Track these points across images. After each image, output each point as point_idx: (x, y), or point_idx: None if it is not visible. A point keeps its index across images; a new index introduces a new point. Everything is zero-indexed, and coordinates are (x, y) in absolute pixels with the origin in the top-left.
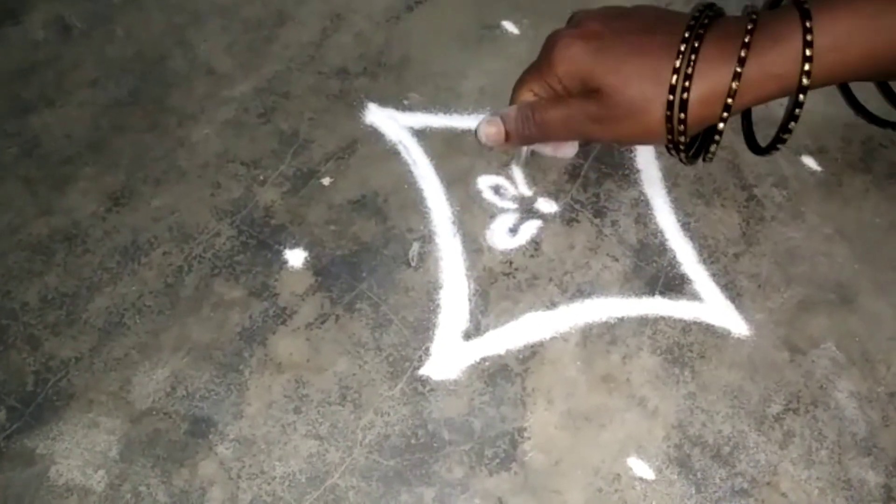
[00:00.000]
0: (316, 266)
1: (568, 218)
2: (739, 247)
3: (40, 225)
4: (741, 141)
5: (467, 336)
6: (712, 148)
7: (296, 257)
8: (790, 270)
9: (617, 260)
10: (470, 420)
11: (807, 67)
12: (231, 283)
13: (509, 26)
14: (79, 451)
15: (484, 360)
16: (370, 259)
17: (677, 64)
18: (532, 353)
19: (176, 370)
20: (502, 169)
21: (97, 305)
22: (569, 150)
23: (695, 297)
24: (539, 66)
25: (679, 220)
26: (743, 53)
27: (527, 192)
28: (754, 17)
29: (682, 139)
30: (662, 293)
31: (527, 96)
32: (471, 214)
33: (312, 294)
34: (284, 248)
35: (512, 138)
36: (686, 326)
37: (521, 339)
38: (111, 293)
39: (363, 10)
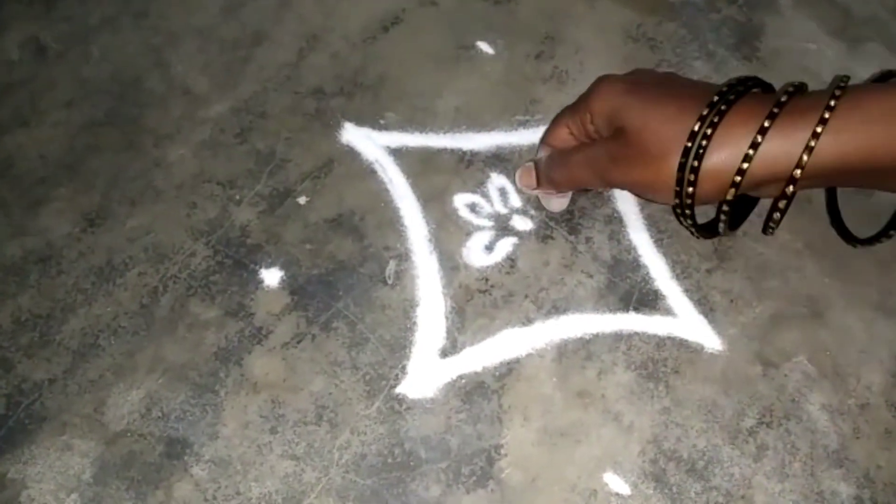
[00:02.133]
0: (292, 285)
1: (543, 235)
2: (712, 262)
3: (14, 246)
4: None
5: (444, 354)
6: (720, 219)
7: (272, 277)
8: (762, 285)
9: (591, 276)
10: (447, 438)
11: (805, 158)
12: (207, 304)
13: (484, 47)
14: (51, 475)
15: (460, 377)
16: (346, 278)
17: (704, 113)
18: (508, 370)
19: (151, 391)
20: (477, 187)
21: (71, 327)
22: (555, 203)
23: (668, 312)
24: (577, 103)
25: (652, 237)
26: (766, 123)
27: (502, 209)
28: (791, 90)
29: (690, 200)
30: (636, 309)
31: (561, 132)
32: (447, 232)
33: (288, 313)
34: (260, 267)
35: (542, 183)
36: (660, 342)
37: (497, 355)
38: (86, 314)
39: (339, 31)
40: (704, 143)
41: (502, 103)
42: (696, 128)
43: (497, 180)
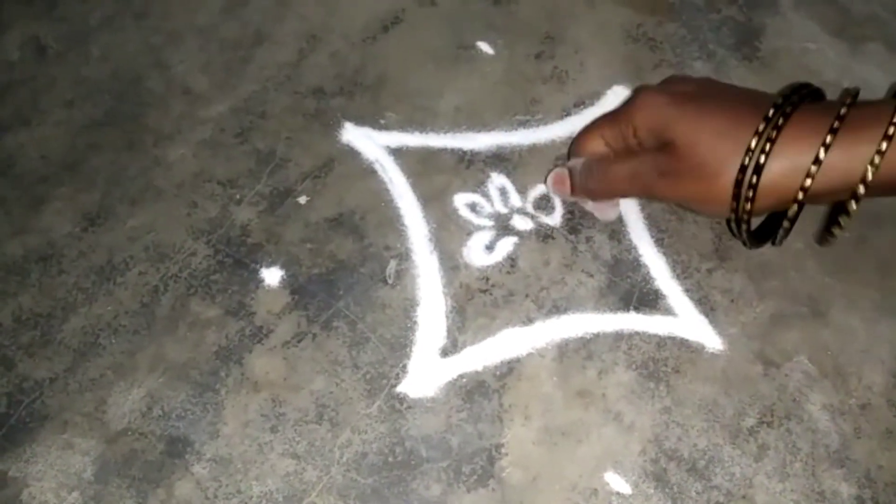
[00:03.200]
0: (292, 284)
1: (543, 235)
2: (712, 262)
3: (15, 245)
4: None
5: (444, 353)
6: (780, 233)
7: (272, 276)
8: (763, 285)
9: (592, 276)
10: (447, 437)
11: (869, 175)
12: (207, 303)
13: (484, 46)
14: (52, 473)
15: (461, 376)
16: (347, 277)
17: (760, 127)
18: (509, 370)
19: (152, 390)
20: (478, 187)
21: (72, 326)
22: (610, 212)
23: (669, 312)
24: (616, 114)
25: (653, 236)
26: (829, 139)
27: (503, 209)
28: (850, 101)
29: (747, 215)
30: (637, 308)
31: (596, 143)
32: (447, 232)
33: (289, 313)
34: (261, 266)
35: (577, 191)
36: (661, 341)
37: (497, 355)
38: (86, 313)
39: (339, 31)
40: (763, 158)
41: (502, 103)
42: (754, 143)
43: (497, 180)
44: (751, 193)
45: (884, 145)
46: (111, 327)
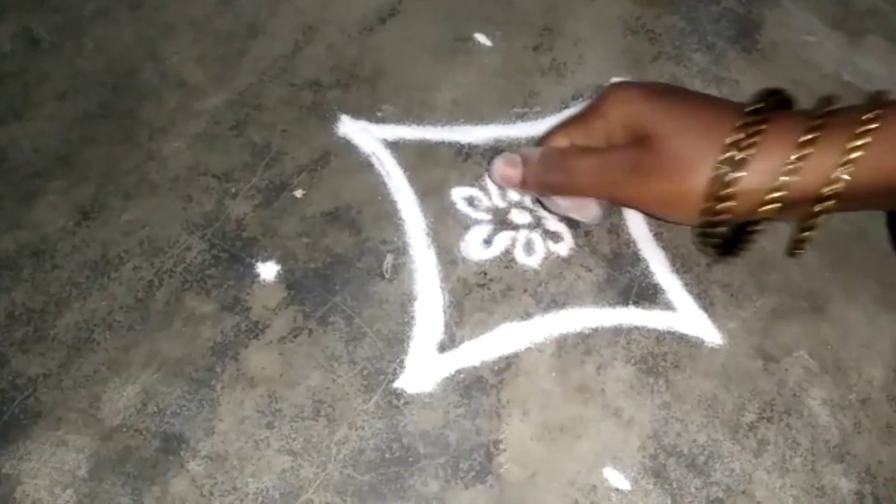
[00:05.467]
0: (288, 279)
1: (542, 229)
2: (712, 256)
3: (7, 240)
4: None
5: (442, 348)
6: (746, 242)
7: (268, 270)
8: (762, 279)
9: (590, 270)
10: (445, 433)
11: (844, 174)
12: (202, 298)
13: (482, 38)
14: (46, 471)
15: (459, 372)
16: (343, 272)
17: (739, 123)
18: (507, 365)
19: (147, 386)
20: (475, 181)
21: (66, 321)
22: (592, 210)
23: (668, 306)
24: (584, 112)
25: (651, 230)
26: (807, 149)
27: (501, 203)
28: (826, 109)
29: (721, 217)
30: (636, 303)
31: (561, 142)
32: (445, 226)
33: (285, 308)
34: (256, 261)
35: (529, 183)
36: (660, 336)
37: (495, 350)
38: (80, 309)
39: (336, 23)
40: (741, 156)
41: (500, 96)
42: (732, 140)
43: None
44: (728, 191)
45: (853, 155)
46: (105, 323)
